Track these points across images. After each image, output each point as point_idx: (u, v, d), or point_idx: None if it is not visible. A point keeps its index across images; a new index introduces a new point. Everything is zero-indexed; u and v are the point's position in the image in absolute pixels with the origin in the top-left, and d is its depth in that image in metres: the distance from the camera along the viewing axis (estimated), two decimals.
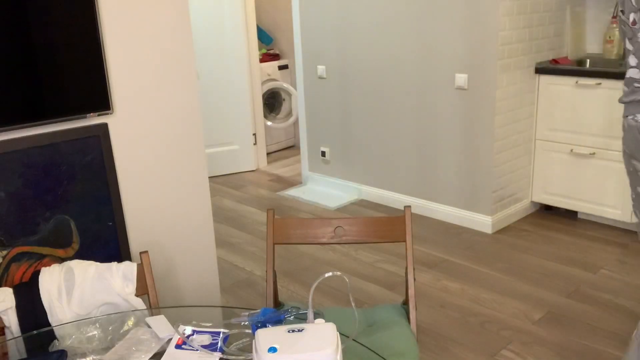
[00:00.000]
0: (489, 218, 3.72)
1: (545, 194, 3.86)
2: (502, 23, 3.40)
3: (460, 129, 3.72)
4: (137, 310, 1.67)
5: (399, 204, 4.21)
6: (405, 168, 4.10)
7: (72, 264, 1.75)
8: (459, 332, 2.71)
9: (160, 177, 2.21)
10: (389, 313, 1.93)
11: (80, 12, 1.87)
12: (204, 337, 1.39)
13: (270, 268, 1.90)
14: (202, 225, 2.38)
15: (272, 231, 1.91)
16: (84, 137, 1.96)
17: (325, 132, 4.58)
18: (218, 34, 4.92)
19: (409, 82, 3.91)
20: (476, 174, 3.72)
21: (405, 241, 1.87)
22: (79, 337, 1.47)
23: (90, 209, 2.00)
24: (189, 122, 2.25)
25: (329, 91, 4.44)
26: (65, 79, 1.87)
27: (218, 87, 5.02)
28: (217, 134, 5.11)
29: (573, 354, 2.52)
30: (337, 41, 4.26)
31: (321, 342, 1.11)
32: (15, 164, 1.83)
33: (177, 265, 2.33)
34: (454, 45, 3.62)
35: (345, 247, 3.63)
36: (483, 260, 3.37)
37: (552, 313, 2.82)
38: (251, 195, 4.65)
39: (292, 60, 5.79)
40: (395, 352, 1.69)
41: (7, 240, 1.85)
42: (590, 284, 3.07)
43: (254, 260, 3.52)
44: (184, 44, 2.18)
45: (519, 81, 3.62)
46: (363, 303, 2.98)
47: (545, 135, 3.76)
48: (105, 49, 1.97)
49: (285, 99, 5.83)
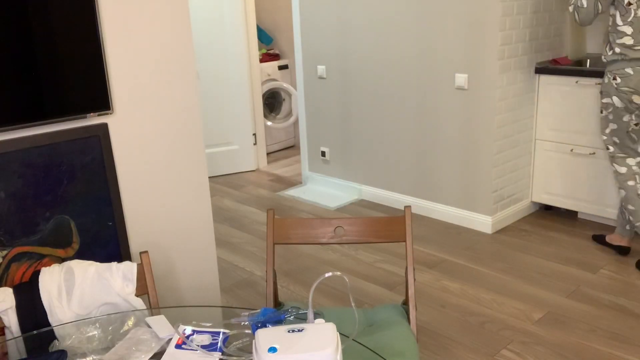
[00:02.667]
0: (488, 218, 3.72)
1: (545, 194, 3.86)
2: (502, 23, 3.40)
3: (460, 129, 3.72)
4: (137, 310, 1.67)
5: (399, 204, 4.21)
6: (405, 168, 4.10)
7: (72, 264, 1.75)
8: (459, 332, 2.71)
9: (160, 177, 2.21)
10: (389, 313, 1.93)
11: (80, 12, 1.87)
12: (204, 337, 1.39)
13: (270, 268, 1.90)
14: (202, 225, 2.38)
15: (272, 231, 1.91)
16: (84, 137, 1.95)
17: (325, 132, 4.58)
18: (218, 34, 4.92)
19: (409, 82, 3.91)
20: (476, 174, 3.72)
21: (405, 241, 1.87)
22: (79, 337, 1.47)
23: (90, 209, 2.00)
24: (189, 122, 2.25)
25: (329, 91, 4.44)
26: (65, 79, 1.87)
27: (218, 87, 5.02)
28: (217, 134, 5.11)
29: (573, 354, 2.52)
30: (337, 41, 4.26)
31: (321, 342, 1.11)
32: (15, 164, 1.83)
33: (177, 265, 2.33)
34: (454, 45, 3.62)
35: (345, 247, 3.63)
36: (483, 260, 3.37)
37: (552, 313, 2.82)
38: (251, 195, 4.65)
39: (292, 60, 5.79)
40: (395, 352, 1.69)
41: (7, 240, 1.85)
42: (590, 284, 3.07)
43: (254, 260, 3.52)
44: (184, 44, 2.18)
45: (519, 81, 3.62)
46: (363, 303, 2.98)
47: (545, 135, 3.76)
48: (105, 49, 1.97)
49: (285, 99, 5.83)
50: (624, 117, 3.04)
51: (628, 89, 2.93)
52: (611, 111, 3.07)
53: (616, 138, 3.12)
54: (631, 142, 3.11)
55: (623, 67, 2.95)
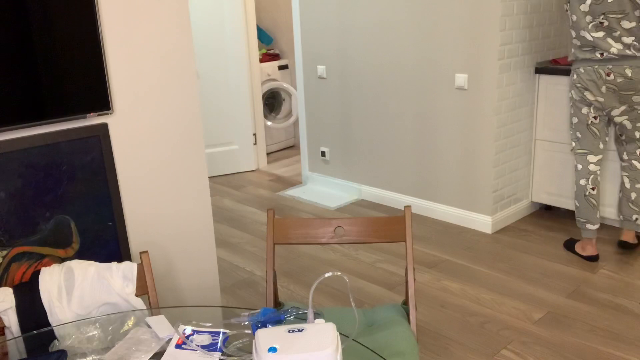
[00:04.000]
0: (488, 218, 3.72)
1: (545, 194, 3.86)
2: (502, 23, 3.40)
3: (460, 129, 3.72)
4: (137, 310, 1.67)
5: (399, 204, 4.21)
6: (405, 168, 4.10)
7: (72, 264, 1.75)
8: (459, 332, 2.71)
9: (160, 177, 2.21)
10: (389, 313, 1.93)
11: (80, 12, 1.87)
12: (204, 337, 1.39)
13: (270, 268, 1.90)
14: (202, 225, 2.38)
15: (272, 231, 1.91)
16: (84, 137, 1.96)
17: (325, 132, 4.58)
18: (218, 34, 4.92)
19: (409, 82, 3.91)
20: (476, 174, 3.72)
21: (405, 241, 1.87)
22: (79, 337, 1.47)
23: (90, 209, 2.00)
24: (189, 122, 2.25)
25: (328, 91, 4.44)
26: (65, 79, 1.87)
27: (218, 87, 5.02)
28: (217, 134, 5.11)
29: (573, 354, 2.52)
30: (337, 41, 4.26)
31: (321, 342, 1.11)
32: (15, 164, 1.83)
33: (177, 265, 2.33)
34: (454, 45, 3.62)
35: (345, 247, 3.63)
36: (483, 260, 3.37)
37: (552, 313, 2.82)
38: (251, 195, 4.65)
39: (292, 60, 5.79)
40: (395, 352, 1.69)
41: (7, 240, 1.85)
42: (590, 284, 3.07)
43: (254, 260, 3.52)
44: (184, 44, 2.18)
45: (519, 81, 3.62)
46: (363, 303, 2.98)
47: (545, 135, 3.76)
48: (105, 49, 1.97)
49: (285, 99, 5.83)
50: (582, 110, 3.16)
51: (580, 85, 3.10)
52: (572, 105, 3.22)
53: (578, 132, 3.22)
54: (593, 137, 3.18)
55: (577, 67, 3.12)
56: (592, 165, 3.20)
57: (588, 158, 3.21)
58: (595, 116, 3.14)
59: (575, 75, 3.12)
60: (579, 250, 3.35)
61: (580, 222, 3.28)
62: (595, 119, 3.14)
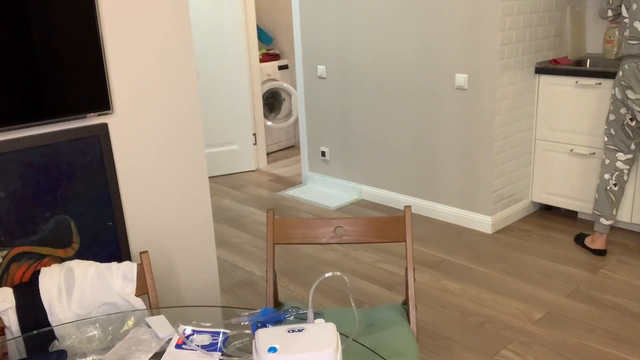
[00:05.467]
0: (489, 218, 3.72)
1: (545, 194, 3.86)
2: (502, 23, 3.40)
3: (460, 129, 3.72)
4: (137, 310, 1.67)
5: (399, 204, 4.21)
6: (405, 168, 4.10)
7: (72, 264, 1.75)
8: (459, 332, 2.71)
9: (160, 177, 2.21)
10: (389, 313, 1.93)
11: (80, 12, 1.87)
12: (204, 337, 1.39)
13: (270, 268, 1.90)
14: (202, 225, 2.38)
15: (272, 231, 1.91)
16: (84, 137, 1.96)
17: (325, 132, 4.58)
18: (218, 34, 4.92)
19: (409, 82, 3.91)
20: (476, 174, 3.72)
21: (405, 241, 1.87)
22: (79, 337, 1.47)
23: (90, 209, 2.00)
24: (189, 122, 2.25)
25: (329, 91, 4.44)
26: (65, 79, 1.87)
27: (218, 87, 5.02)
28: (217, 134, 5.11)
29: (573, 354, 2.52)
30: (337, 41, 4.26)
31: (321, 342, 1.11)
32: (15, 164, 1.83)
33: (177, 265, 2.33)
34: (454, 45, 3.62)
35: (345, 247, 3.63)
36: (483, 260, 3.37)
37: (552, 313, 2.82)
38: (251, 195, 4.65)
39: (292, 60, 5.79)
40: (395, 352, 1.69)
41: (7, 240, 1.85)
42: (590, 284, 3.07)
43: (254, 260, 3.52)
44: (184, 44, 2.18)
45: (519, 81, 3.62)
46: (363, 303, 2.98)
47: (545, 135, 3.76)
48: (105, 49, 1.97)
49: (285, 99, 5.83)
50: (621, 109, 3.14)
51: (624, 83, 3.06)
52: (612, 102, 3.19)
53: (612, 129, 3.21)
54: (626, 137, 3.17)
55: (623, 63, 3.08)
56: (620, 162, 3.21)
57: (617, 155, 3.23)
58: (632, 118, 3.13)
59: (621, 72, 3.07)
60: (589, 243, 3.36)
61: (595, 215, 3.30)
62: (631, 121, 3.14)
